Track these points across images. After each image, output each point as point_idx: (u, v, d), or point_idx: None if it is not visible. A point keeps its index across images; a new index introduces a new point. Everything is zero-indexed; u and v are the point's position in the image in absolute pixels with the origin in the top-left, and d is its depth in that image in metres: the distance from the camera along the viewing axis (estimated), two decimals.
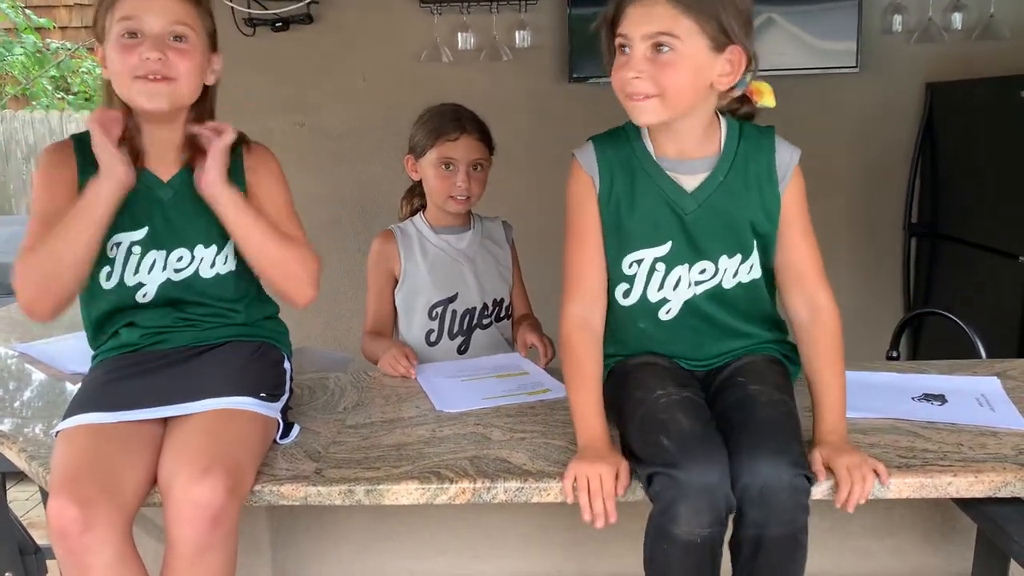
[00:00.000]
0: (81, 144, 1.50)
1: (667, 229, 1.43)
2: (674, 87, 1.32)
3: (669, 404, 1.32)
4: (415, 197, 2.18)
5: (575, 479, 1.29)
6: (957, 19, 3.39)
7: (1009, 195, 2.94)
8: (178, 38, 1.44)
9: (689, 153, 1.42)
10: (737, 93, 1.40)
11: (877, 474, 1.28)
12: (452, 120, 2.04)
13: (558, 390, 1.68)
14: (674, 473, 1.21)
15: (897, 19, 3.40)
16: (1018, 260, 2.89)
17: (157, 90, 1.43)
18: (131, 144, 1.48)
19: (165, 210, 1.52)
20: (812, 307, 1.42)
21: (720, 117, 1.43)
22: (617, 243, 1.45)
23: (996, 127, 3.04)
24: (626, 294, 1.47)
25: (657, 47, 1.31)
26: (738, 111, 1.44)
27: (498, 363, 1.91)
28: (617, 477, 1.28)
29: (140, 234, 1.51)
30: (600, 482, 1.27)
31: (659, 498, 1.23)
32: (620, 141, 1.45)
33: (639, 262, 1.45)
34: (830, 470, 1.28)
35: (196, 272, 1.53)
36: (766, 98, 1.41)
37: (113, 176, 1.40)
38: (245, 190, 1.53)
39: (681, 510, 1.20)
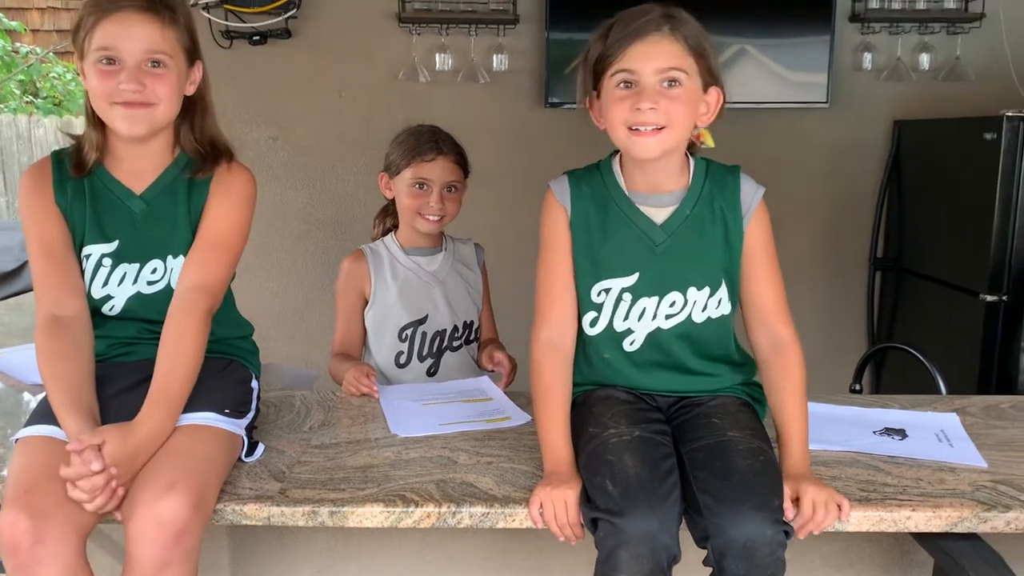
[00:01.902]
0: (59, 159, 1.51)
1: (637, 260, 1.45)
2: (679, 120, 1.39)
3: (619, 444, 1.33)
4: (388, 216, 2.18)
5: (540, 505, 1.30)
6: (925, 60, 3.48)
7: (972, 233, 3.00)
8: (155, 63, 1.44)
9: (660, 188, 1.46)
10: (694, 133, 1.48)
11: (839, 508, 1.30)
12: (429, 141, 2.05)
13: (518, 418, 1.69)
14: (616, 521, 1.22)
15: (867, 57, 3.48)
16: (979, 297, 2.95)
17: (137, 116, 1.44)
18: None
19: (136, 222, 1.51)
20: (774, 342, 1.45)
21: (689, 155, 1.48)
22: (588, 272, 1.47)
23: (961, 166, 3.11)
24: (593, 323, 1.49)
25: (670, 81, 1.37)
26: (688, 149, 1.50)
27: (463, 388, 1.91)
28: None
29: (111, 247, 1.50)
30: (565, 508, 1.30)
31: (602, 544, 1.24)
32: (593, 175, 1.50)
33: (607, 291, 1.47)
34: (795, 502, 1.30)
35: (168, 284, 1.52)
36: (707, 139, 1.50)
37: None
38: (203, 204, 1.52)
39: (623, 556, 1.22)
